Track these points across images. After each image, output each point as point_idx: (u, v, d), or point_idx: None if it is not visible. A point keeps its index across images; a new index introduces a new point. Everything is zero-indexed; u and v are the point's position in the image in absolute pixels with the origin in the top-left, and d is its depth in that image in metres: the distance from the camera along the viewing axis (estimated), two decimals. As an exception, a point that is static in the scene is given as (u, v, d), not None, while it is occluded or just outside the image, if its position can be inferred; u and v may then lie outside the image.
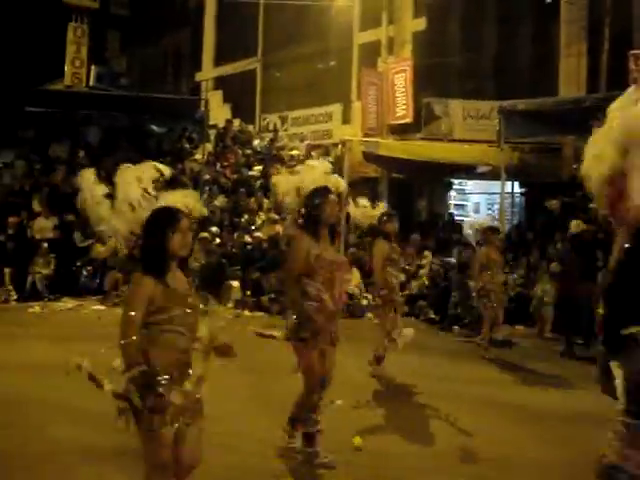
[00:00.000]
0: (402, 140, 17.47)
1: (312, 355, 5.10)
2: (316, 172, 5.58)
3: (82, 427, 5.81)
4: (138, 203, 3.85)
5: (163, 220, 3.66)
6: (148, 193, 3.89)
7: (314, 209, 5.22)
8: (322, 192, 5.29)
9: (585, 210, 13.18)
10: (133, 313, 3.47)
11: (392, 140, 17.47)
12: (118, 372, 3.49)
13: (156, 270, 3.59)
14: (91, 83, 25.31)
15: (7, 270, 14.22)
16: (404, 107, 17.95)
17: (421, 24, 18.99)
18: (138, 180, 3.91)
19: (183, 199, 3.91)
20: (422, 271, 14.17)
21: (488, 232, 9.95)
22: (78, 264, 15.03)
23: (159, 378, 3.43)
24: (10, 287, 14.09)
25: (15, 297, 14.05)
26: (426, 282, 13.79)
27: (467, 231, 9.68)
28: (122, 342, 3.41)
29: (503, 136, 14.41)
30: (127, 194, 3.87)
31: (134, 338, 3.42)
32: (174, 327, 3.56)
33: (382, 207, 9.50)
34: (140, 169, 4.01)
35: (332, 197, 5.30)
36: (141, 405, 3.38)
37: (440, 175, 17.85)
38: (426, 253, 14.80)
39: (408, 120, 17.92)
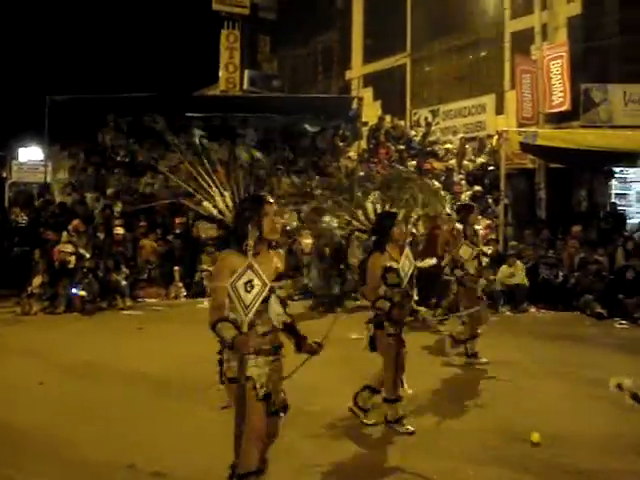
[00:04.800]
0: (558, 129, 17.01)
1: None
2: None
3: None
4: None
5: None
6: None
7: None
8: None
9: None
10: None
11: (549, 129, 17.02)
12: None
13: None
14: (245, 87, 26.20)
15: (176, 268, 15.04)
16: (561, 95, 17.38)
17: (576, 8, 18.27)
18: None
19: None
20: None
21: None
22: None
23: None
24: (180, 284, 14.89)
25: (184, 294, 14.85)
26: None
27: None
28: None
29: (671, 120, 13.75)
30: None
31: None
32: None
33: None
34: None
35: None
36: None
37: (600, 164, 17.17)
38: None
39: (565, 108, 17.33)
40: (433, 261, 12.88)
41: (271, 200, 4.25)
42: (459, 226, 9.07)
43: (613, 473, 5.20)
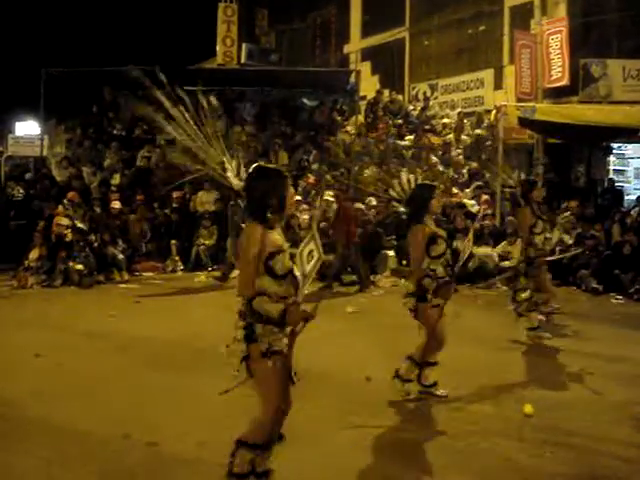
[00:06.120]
0: (557, 104, 16.94)
1: None
2: None
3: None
4: None
5: None
6: None
7: None
8: None
9: None
10: None
11: (548, 104, 16.95)
12: None
13: None
14: (242, 60, 25.99)
15: (173, 242, 15.04)
16: (560, 69, 17.30)
17: (576, -18, 18.21)
18: None
19: None
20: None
21: None
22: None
23: None
24: (177, 258, 14.89)
25: (182, 267, 14.85)
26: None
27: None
28: None
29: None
30: None
31: None
32: None
33: None
34: None
35: None
36: None
37: (599, 139, 17.13)
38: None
39: (564, 83, 17.26)
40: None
41: (287, 174, 4.20)
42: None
43: (608, 444, 5.23)
